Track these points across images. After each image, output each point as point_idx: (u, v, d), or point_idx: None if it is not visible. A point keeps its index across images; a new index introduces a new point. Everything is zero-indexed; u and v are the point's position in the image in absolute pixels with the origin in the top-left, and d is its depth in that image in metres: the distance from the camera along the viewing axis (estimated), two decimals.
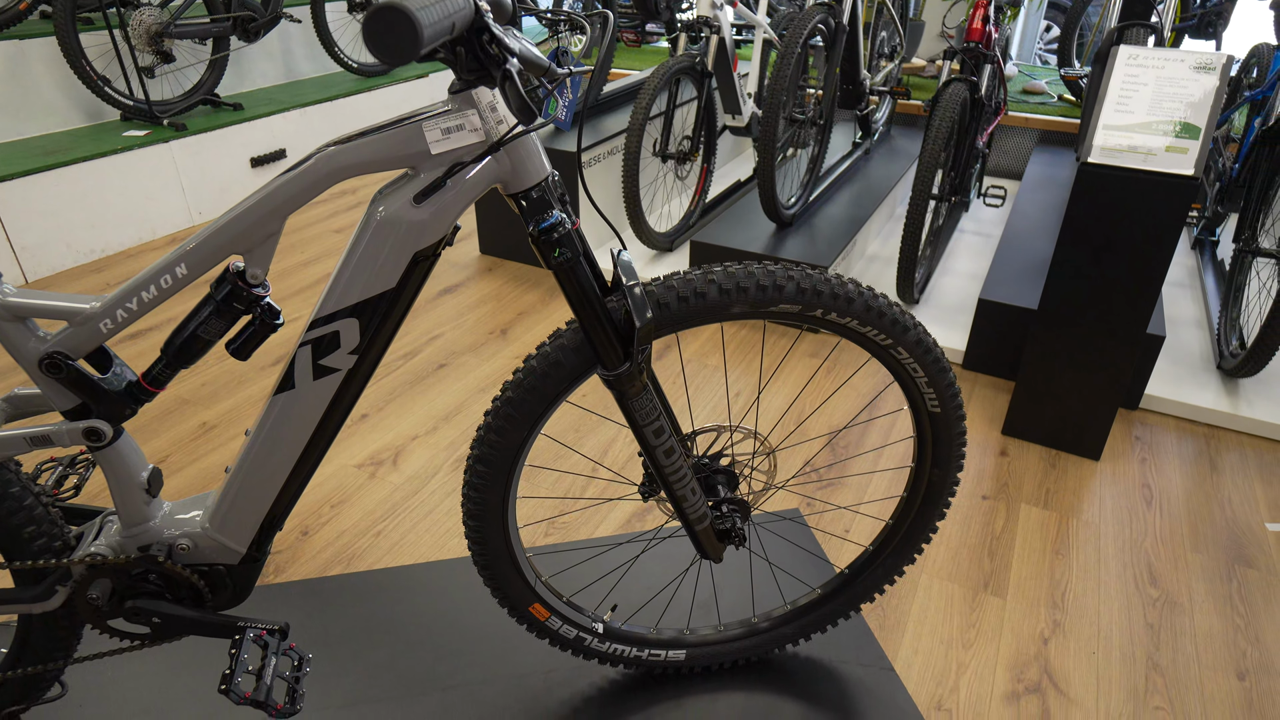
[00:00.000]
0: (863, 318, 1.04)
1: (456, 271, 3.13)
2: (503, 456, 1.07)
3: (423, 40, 0.49)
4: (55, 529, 1.01)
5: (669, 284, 1.00)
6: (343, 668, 1.38)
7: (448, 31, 0.54)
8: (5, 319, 0.87)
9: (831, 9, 2.66)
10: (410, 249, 0.87)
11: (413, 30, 0.48)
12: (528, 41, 0.69)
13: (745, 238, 2.74)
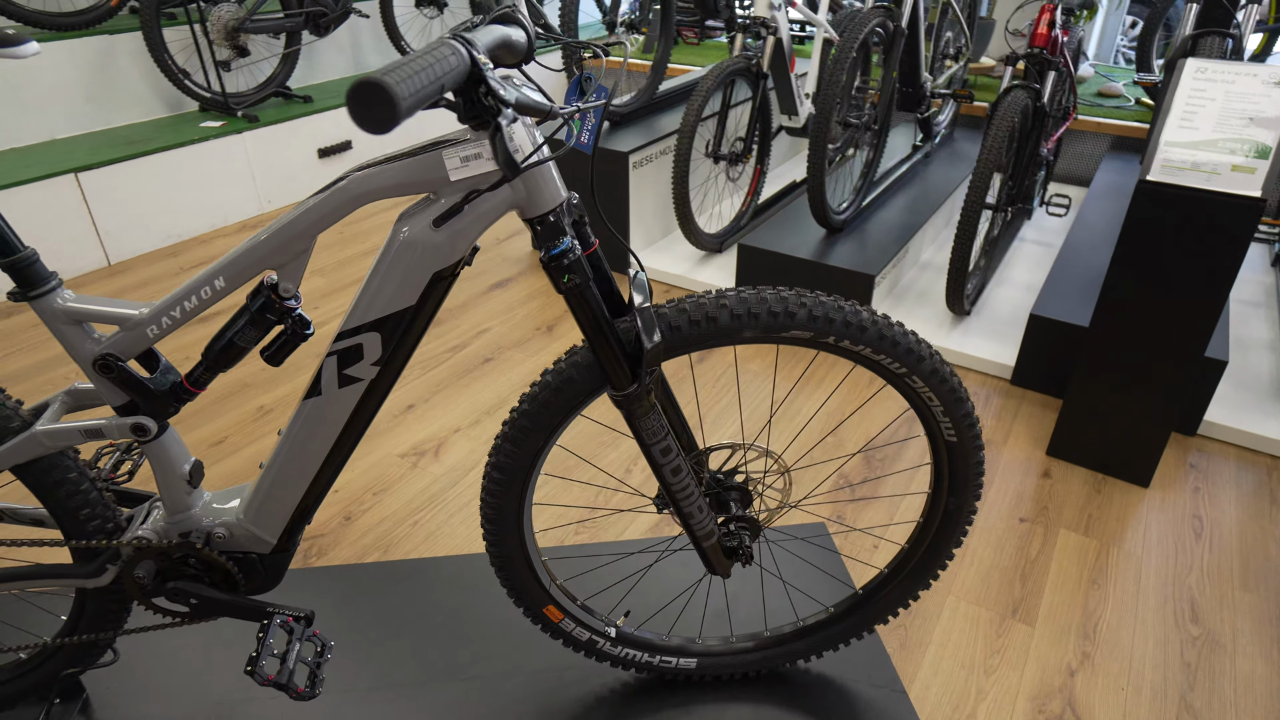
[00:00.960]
0: (876, 346, 1.04)
1: (508, 267, 3.20)
2: (517, 465, 1.11)
3: (400, 113, 0.51)
4: (108, 512, 1.10)
5: (681, 306, 1.01)
6: (369, 653, 1.45)
7: (435, 95, 0.56)
8: (65, 322, 0.94)
9: (890, 12, 2.61)
10: (430, 269, 0.91)
11: (390, 104, 0.51)
12: (530, 87, 0.71)
13: (793, 242, 2.72)
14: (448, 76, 0.57)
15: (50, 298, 0.94)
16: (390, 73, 0.51)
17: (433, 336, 2.72)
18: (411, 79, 0.52)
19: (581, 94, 1.00)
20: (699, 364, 2.55)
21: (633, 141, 2.96)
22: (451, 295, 2.96)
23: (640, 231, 3.11)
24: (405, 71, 0.52)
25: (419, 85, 0.53)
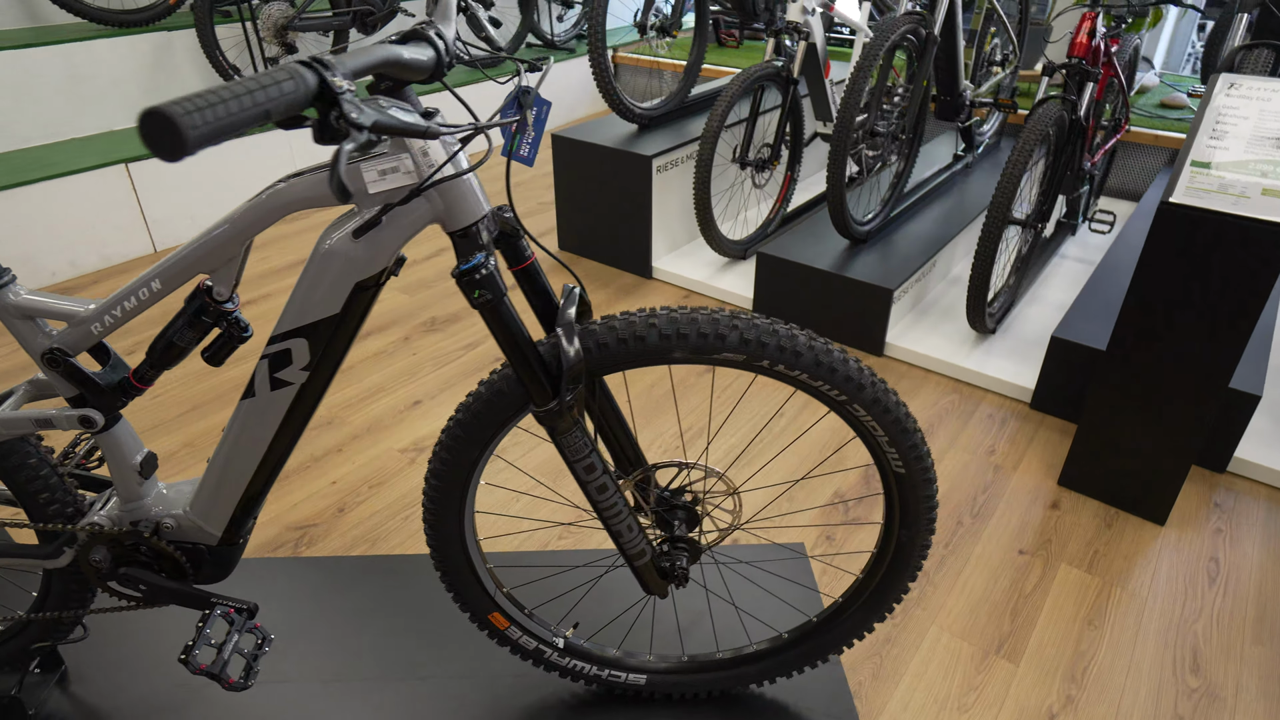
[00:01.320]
0: (813, 373, 1.01)
1: None
2: (454, 473, 1.11)
3: (187, 143, 0.51)
4: (68, 496, 1.15)
5: (610, 324, 1.00)
6: (332, 645, 1.48)
7: (253, 122, 0.56)
8: (15, 316, 0.99)
9: (922, 18, 2.53)
10: (351, 279, 0.93)
11: (176, 134, 0.51)
12: (403, 108, 0.71)
13: (813, 252, 2.67)
14: (276, 103, 0.57)
15: (2, 293, 0.99)
16: (185, 101, 0.52)
17: (447, 334, 2.76)
18: (211, 109, 0.53)
19: (520, 108, 1.00)
20: (703, 375, 2.52)
21: (658, 145, 2.95)
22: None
23: (663, 235, 3.09)
24: (204, 100, 0.53)
25: (220, 115, 0.53)
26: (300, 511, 2.00)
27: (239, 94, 0.55)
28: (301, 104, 0.60)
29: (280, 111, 0.58)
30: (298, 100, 0.59)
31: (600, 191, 3.07)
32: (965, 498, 2.02)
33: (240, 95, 0.55)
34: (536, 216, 3.69)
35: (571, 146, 3.06)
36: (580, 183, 3.12)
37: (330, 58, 0.64)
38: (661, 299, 2.94)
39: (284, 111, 0.58)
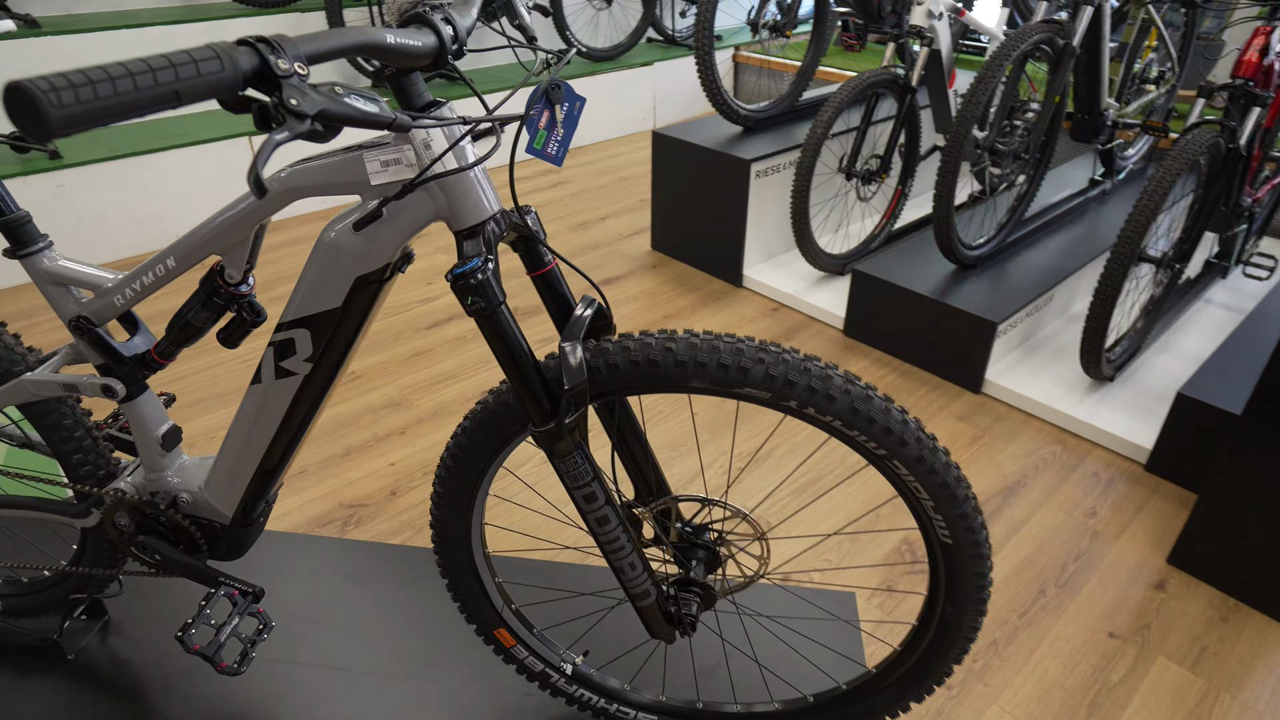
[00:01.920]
0: (848, 420, 0.89)
1: (622, 263, 3.17)
2: (459, 483, 1.06)
3: (50, 125, 0.46)
4: (101, 459, 1.17)
5: (624, 344, 0.92)
6: (350, 633, 1.47)
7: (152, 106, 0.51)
8: (49, 282, 1.01)
9: (1060, 28, 2.29)
10: (351, 273, 0.88)
11: (39, 115, 0.46)
12: (368, 97, 0.64)
13: (914, 274, 2.48)
14: (189, 84, 0.52)
15: (38, 257, 1.00)
16: (56, 77, 0.47)
17: (527, 325, 2.74)
18: (84, 87, 0.48)
19: (549, 103, 0.93)
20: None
21: (760, 149, 2.82)
22: None
23: (758, 243, 2.96)
24: (80, 78, 0.48)
25: (96, 95, 0.48)
26: (355, 490, 2.02)
27: (133, 73, 0.50)
28: (230, 86, 0.55)
29: (198, 93, 0.53)
30: (224, 82, 0.54)
31: (696, 193, 2.97)
32: (1053, 563, 1.81)
33: (135, 74, 0.50)
34: (633, 214, 3.64)
35: (670, 145, 2.98)
36: (677, 183, 3.03)
37: (286, 38, 0.58)
38: (749, 309, 2.82)
39: (204, 93, 0.53)
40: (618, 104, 4.54)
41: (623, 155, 4.38)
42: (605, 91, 4.44)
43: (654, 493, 1.11)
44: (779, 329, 2.70)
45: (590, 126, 4.48)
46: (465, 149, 0.83)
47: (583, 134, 4.47)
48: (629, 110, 4.61)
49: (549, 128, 0.94)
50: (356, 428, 2.24)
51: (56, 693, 1.36)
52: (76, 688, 1.36)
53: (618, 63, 4.49)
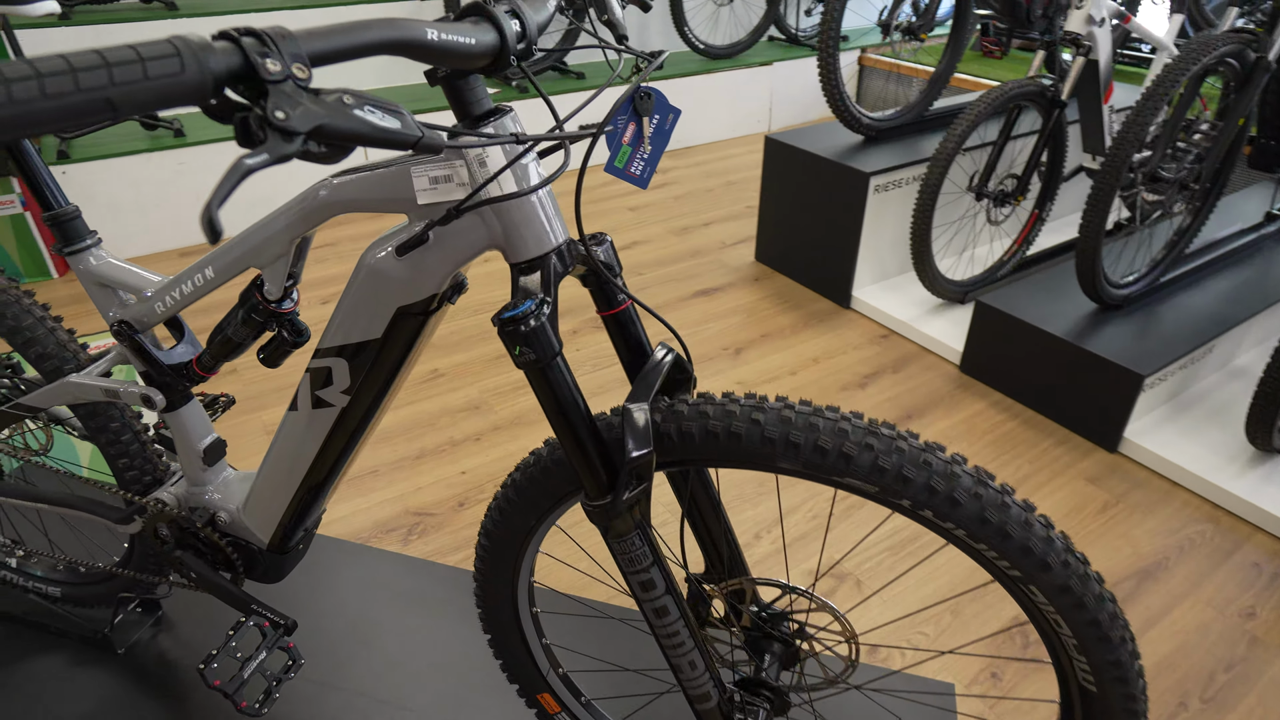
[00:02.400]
0: (974, 530, 0.71)
1: (722, 274, 3.01)
2: (507, 540, 0.94)
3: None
4: (148, 465, 1.12)
5: (702, 409, 0.76)
6: (393, 660, 1.38)
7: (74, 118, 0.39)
8: (93, 281, 0.94)
9: (1255, 39, 1.96)
10: (392, 303, 0.77)
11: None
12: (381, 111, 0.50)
13: (1047, 311, 2.20)
14: (126, 90, 0.40)
15: (84, 255, 0.94)
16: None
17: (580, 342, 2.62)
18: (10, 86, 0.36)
19: (637, 114, 0.78)
20: None
21: (881, 161, 2.59)
22: (646, 296, 2.84)
23: (871, 263, 2.73)
24: None
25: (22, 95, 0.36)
26: (423, 496, 1.95)
27: (41, 74, 0.38)
28: (195, 94, 0.43)
29: (146, 102, 0.41)
30: (185, 89, 0.42)
31: (808, 204, 2.77)
32: (1199, 671, 1.54)
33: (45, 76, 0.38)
34: (738, 221, 3.46)
35: (784, 151, 2.79)
36: (788, 192, 2.84)
37: (285, 31, 0.46)
38: (855, 334, 2.60)
39: (155, 102, 0.41)
40: (732, 104, 4.35)
41: (733, 158, 4.20)
42: (720, 91, 4.27)
43: (728, 571, 0.95)
44: (887, 358, 2.48)
45: (701, 126, 4.32)
46: (527, 170, 0.69)
47: (693, 133, 4.31)
48: (743, 111, 4.42)
49: (634, 143, 0.80)
50: (433, 429, 2.18)
51: (104, 686, 1.33)
52: (123, 683, 1.33)
53: (735, 61, 4.31)
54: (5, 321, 1.01)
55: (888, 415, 2.21)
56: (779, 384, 2.35)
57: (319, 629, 1.42)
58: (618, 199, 3.68)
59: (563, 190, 3.73)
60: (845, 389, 2.33)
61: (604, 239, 0.81)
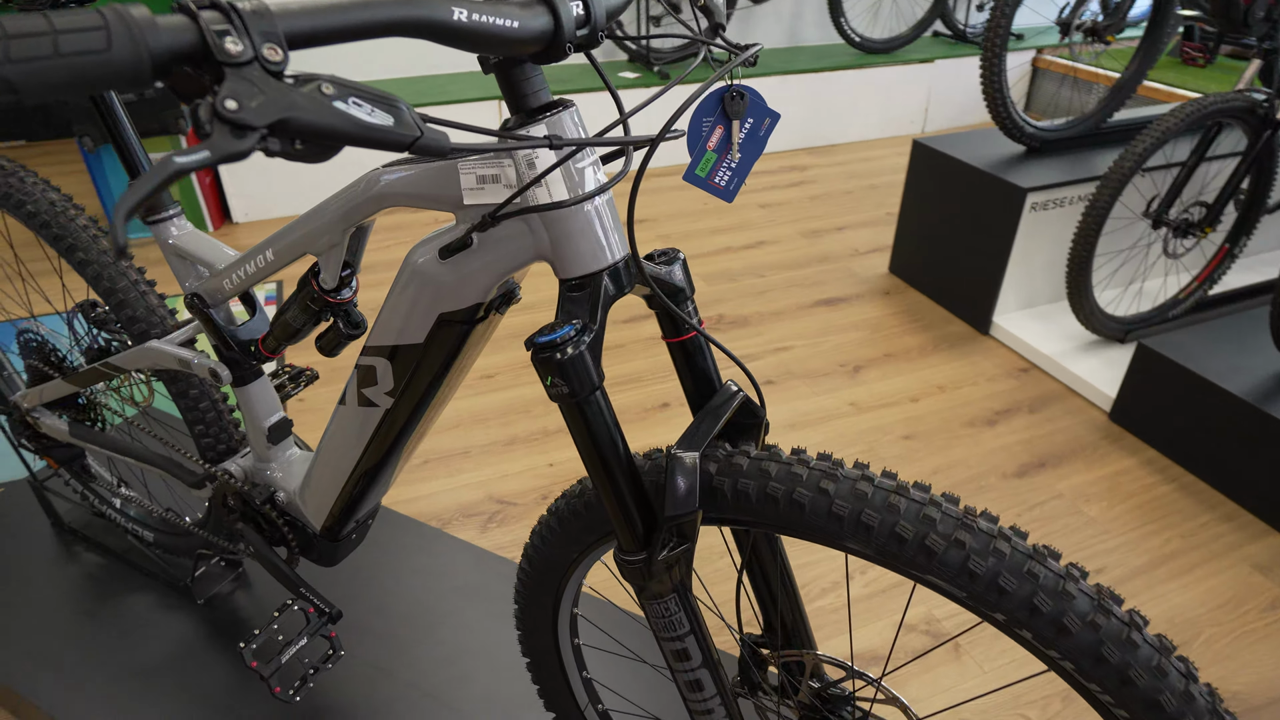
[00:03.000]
0: (1086, 668, 0.56)
1: (850, 283, 2.82)
2: (547, 566, 0.86)
3: None
4: (223, 434, 1.12)
5: (764, 466, 0.65)
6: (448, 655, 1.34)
7: None
8: (173, 253, 0.94)
9: None
10: (434, 308, 0.70)
11: None
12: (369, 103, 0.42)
13: (1226, 364, 1.90)
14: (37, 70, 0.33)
15: (165, 226, 0.94)
16: None
17: (727, 338, 2.50)
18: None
19: (725, 116, 0.68)
20: None
21: (1042, 176, 2.33)
22: (765, 300, 2.70)
23: (1018, 287, 2.47)
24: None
25: None
26: (509, 485, 1.92)
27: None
28: (127, 76, 0.36)
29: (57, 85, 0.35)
30: (114, 70, 0.35)
31: (954, 217, 2.54)
32: None
33: None
34: (875, 228, 3.24)
35: (932, 158, 2.56)
36: (933, 201, 2.61)
37: (259, 4, 0.39)
38: (991, 364, 2.36)
39: (72, 84, 0.35)
40: (885, 103, 4.09)
41: (878, 160, 3.95)
42: (873, 87, 4.02)
43: (787, 640, 0.84)
44: (1025, 395, 2.23)
45: (848, 123, 4.09)
46: (582, 176, 0.60)
47: (838, 131, 4.08)
48: (896, 111, 4.14)
49: (720, 149, 0.69)
50: (528, 417, 2.15)
51: (182, 632, 1.38)
52: (199, 632, 1.37)
53: (893, 57, 4.04)
54: (103, 283, 1.04)
55: (1016, 460, 1.99)
56: (896, 410, 2.16)
57: (383, 610, 1.42)
58: (750, 194, 3.54)
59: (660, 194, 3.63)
60: (971, 424, 2.11)
61: (676, 257, 0.71)
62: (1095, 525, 1.80)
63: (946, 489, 1.90)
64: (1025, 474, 1.95)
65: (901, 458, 2.00)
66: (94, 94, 0.36)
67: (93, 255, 1.03)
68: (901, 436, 2.07)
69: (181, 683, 1.28)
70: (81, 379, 1.14)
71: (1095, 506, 1.86)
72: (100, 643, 1.36)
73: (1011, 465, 1.98)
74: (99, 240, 1.04)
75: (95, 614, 1.41)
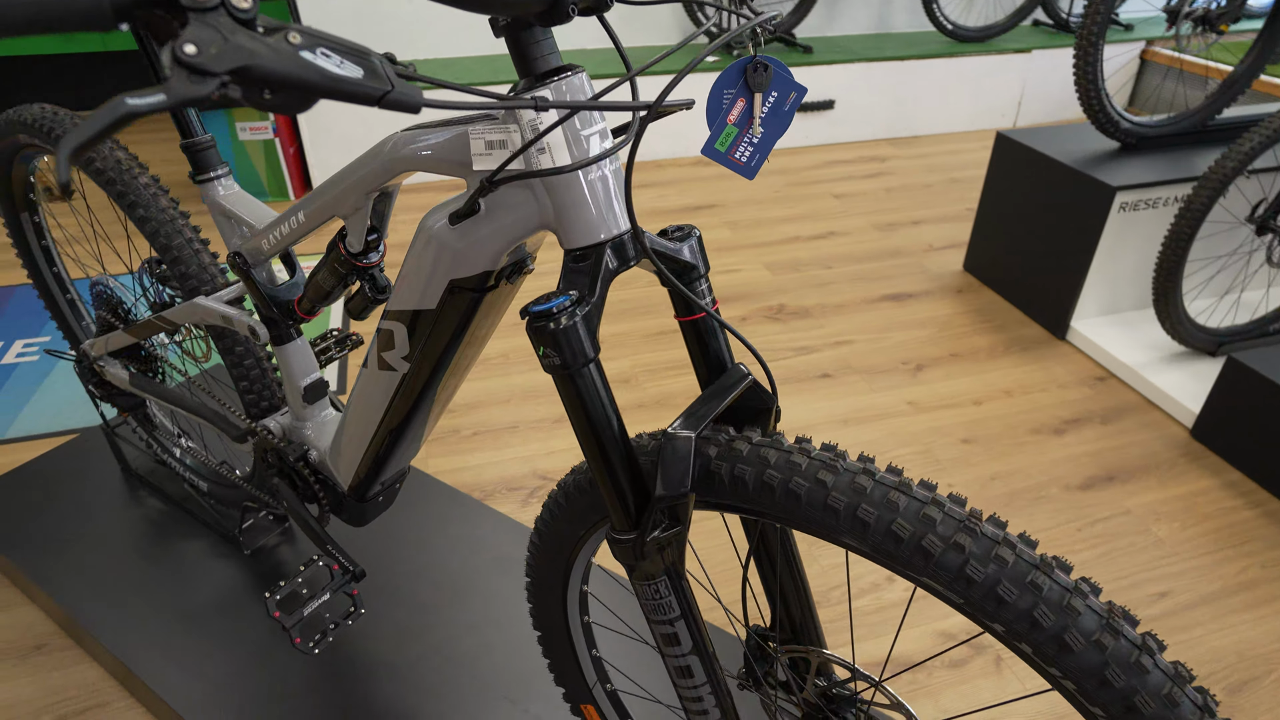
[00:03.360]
0: (1089, 691, 0.52)
1: (921, 279, 2.72)
2: (555, 542, 0.86)
3: None
4: (266, 391, 1.16)
5: (763, 453, 0.63)
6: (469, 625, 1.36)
7: None
8: (219, 211, 0.97)
9: None
10: (445, 274, 0.70)
11: None
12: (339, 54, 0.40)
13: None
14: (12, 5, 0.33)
15: (212, 185, 0.97)
16: None
17: (789, 328, 2.45)
18: None
19: (749, 89, 0.65)
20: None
21: (1135, 174, 2.18)
22: (830, 292, 2.63)
23: (1100, 291, 2.33)
24: None
25: None
26: (553, 461, 1.94)
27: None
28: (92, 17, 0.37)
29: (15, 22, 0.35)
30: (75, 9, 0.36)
31: (1036, 215, 2.41)
32: None
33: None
34: (952, 224, 3.11)
35: (1015, 151, 2.44)
36: (1014, 197, 2.49)
37: None
38: (1065, 371, 2.24)
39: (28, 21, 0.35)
40: (975, 93, 3.92)
41: (963, 153, 3.79)
42: (964, 77, 3.85)
43: (796, 635, 0.81)
44: (1097, 405, 2.11)
45: (935, 114, 3.93)
46: (587, 142, 0.59)
47: (923, 121, 3.93)
48: (988, 102, 3.97)
49: (741, 124, 0.66)
50: None
51: (229, 580, 1.44)
52: (245, 582, 1.44)
53: (986, 46, 3.86)
54: (160, 240, 1.09)
55: (1083, 471, 1.88)
56: (957, 412, 2.08)
57: (417, 574, 1.45)
58: (825, 184, 3.46)
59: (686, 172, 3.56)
60: (1036, 432, 2.01)
61: (691, 233, 0.69)
62: (1163, 546, 1.69)
63: (1002, 496, 1.81)
64: (1091, 487, 1.85)
65: (957, 461, 1.92)
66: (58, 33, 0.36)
67: (153, 212, 1.07)
68: (960, 440, 1.99)
69: (224, 627, 1.34)
70: (140, 330, 1.19)
71: (1166, 527, 1.74)
72: (156, 584, 1.44)
73: (1077, 477, 1.87)
74: (159, 198, 1.08)
75: (153, 556, 1.49)
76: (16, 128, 1.17)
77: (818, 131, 3.81)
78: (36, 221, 1.44)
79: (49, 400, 2.09)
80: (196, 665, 1.28)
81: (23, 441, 1.96)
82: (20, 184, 1.36)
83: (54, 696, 1.37)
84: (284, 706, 1.19)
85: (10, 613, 1.51)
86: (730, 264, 2.82)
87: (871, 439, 1.99)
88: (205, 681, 1.25)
